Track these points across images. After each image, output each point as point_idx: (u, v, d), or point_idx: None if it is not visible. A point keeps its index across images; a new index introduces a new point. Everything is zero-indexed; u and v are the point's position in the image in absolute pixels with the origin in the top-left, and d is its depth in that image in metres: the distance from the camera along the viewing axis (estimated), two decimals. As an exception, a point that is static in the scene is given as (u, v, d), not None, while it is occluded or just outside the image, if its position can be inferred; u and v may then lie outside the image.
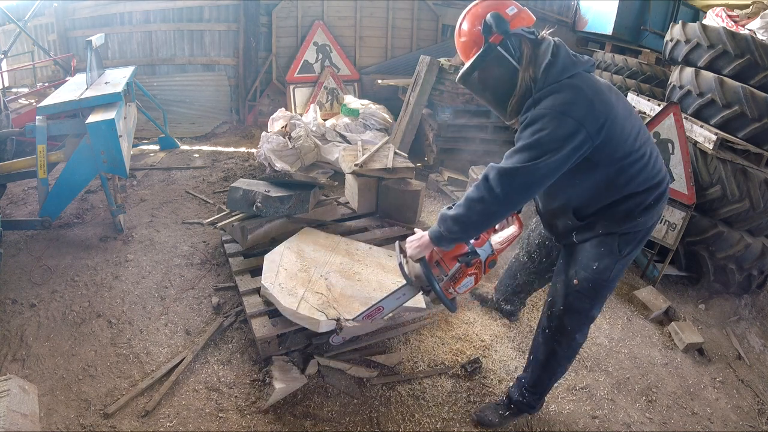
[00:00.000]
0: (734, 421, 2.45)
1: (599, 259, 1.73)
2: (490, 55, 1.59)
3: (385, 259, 2.75)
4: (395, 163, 3.36)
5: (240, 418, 2.05)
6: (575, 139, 1.46)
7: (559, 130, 1.46)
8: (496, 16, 1.54)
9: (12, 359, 2.22)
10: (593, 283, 1.75)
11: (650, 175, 1.66)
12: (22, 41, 5.41)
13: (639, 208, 1.68)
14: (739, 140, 3.05)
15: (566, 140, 1.46)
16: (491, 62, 1.60)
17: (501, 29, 1.54)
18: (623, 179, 1.63)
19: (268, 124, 4.87)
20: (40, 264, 2.86)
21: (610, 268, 1.73)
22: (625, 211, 1.69)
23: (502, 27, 1.54)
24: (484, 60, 1.60)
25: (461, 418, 2.17)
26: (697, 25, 3.37)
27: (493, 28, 1.55)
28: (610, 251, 1.72)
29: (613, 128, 1.52)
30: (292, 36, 5.70)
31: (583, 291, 1.78)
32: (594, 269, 1.74)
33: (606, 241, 1.72)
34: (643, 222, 1.70)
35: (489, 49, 1.58)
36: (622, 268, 1.79)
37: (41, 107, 2.99)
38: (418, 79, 4.51)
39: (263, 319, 2.33)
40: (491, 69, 1.62)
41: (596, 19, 5.31)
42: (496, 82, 1.64)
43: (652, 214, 1.71)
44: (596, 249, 1.74)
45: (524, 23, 1.60)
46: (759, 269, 3.22)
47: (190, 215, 3.58)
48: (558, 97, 1.50)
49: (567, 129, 1.45)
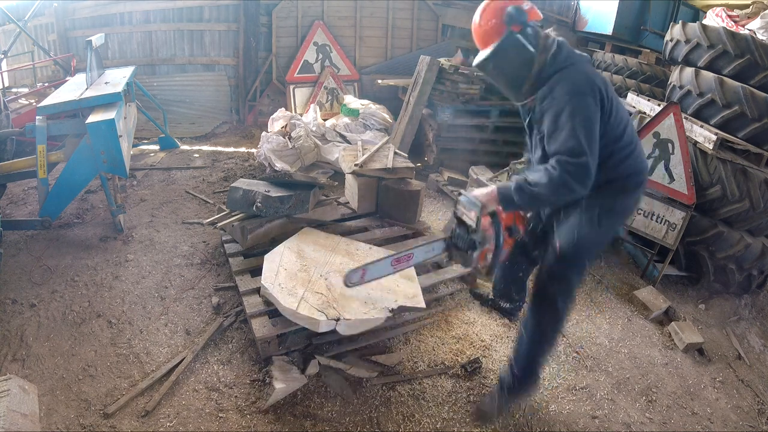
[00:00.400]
0: (734, 421, 2.45)
1: (579, 228, 1.93)
2: (510, 41, 1.80)
3: (385, 259, 2.75)
4: (395, 163, 3.36)
5: (240, 418, 2.05)
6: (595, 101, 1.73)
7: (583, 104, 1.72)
8: (517, 8, 1.77)
9: (12, 359, 2.22)
10: (573, 249, 1.94)
11: (634, 163, 1.93)
12: (22, 41, 5.42)
13: (621, 190, 1.93)
14: (739, 140, 3.05)
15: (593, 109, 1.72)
16: (511, 48, 1.81)
17: (521, 19, 1.77)
18: (613, 162, 1.87)
19: (268, 124, 4.87)
20: (40, 264, 2.86)
21: (588, 236, 1.93)
22: (609, 191, 1.91)
23: (522, 18, 1.77)
24: (505, 47, 1.81)
25: (461, 418, 2.17)
26: (697, 25, 3.37)
27: (514, 18, 1.77)
28: (590, 221, 1.92)
29: (612, 108, 1.80)
30: (292, 36, 5.70)
31: (564, 256, 1.96)
32: (575, 236, 1.93)
33: (587, 213, 1.93)
34: (621, 202, 1.95)
35: (510, 36, 1.79)
36: (600, 240, 2.03)
37: (41, 107, 2.99)
38: (418, 79, 4.51)
39: (263, 319, 2.33)
40: (510, 54, 1.82)
41: (596, 19, 5.31)
42: (512, 65, 1.86)
43: (632, 198, 1.98)
44: (578, 219, 1.94)
45: (536, 18, 1.83)
46: (759, 269, 3.22)
47: (190, 215, 3.58)
48: (567, 81, 1.76)
49: (586, 99, 1.72)
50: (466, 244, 1.87)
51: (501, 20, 1.79)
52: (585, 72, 1.81)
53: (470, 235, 1.85)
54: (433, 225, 3.57)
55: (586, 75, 1.79)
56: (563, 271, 1.99)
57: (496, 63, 1.87)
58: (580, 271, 2.06)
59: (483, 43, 1.88)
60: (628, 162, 1.90)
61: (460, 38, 6.26)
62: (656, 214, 3.24)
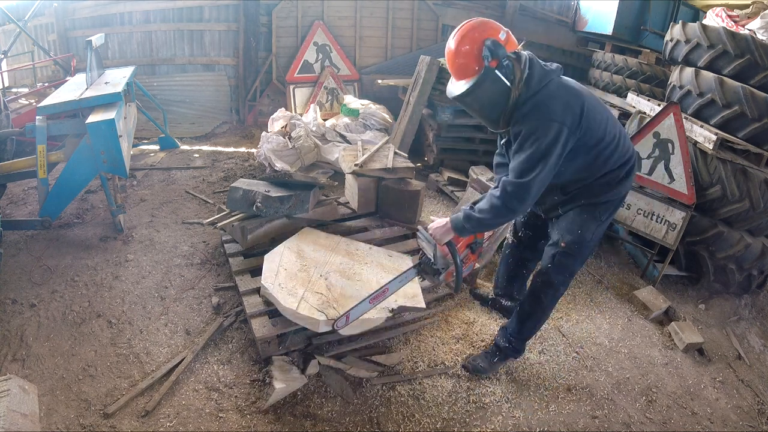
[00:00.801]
0: (734, 421, 2.45)
1: (582, 224, 2.07)
2: (488, 77, 1.78)
3: (385, 259, 2.75)
4: (395, 163, 3.36)
5: (240, 418, 2.05)
6: (561, 137, 1.76)
7: (549, 136, 1.75)
8: (494, 42, 1.73)
9: (12, 359, 2.22)
10: (578, 244, 2.09)
11: (621, 154, 1.99)
12: (22, 41, 5.41)
13: (614, 181, 2.02)
14: (739, 140, 3.05)
15: (555, 142, 1.77)
16: (488, 83, 1.79)
17: (498, 54, 1.73)
18: (600, 161, 1.96)
19: (268, 124, 4.87)
20: (40, 264, 2.86)
21: (591, 230, 2.08)
22: (603, 185, 2.02)
23: (499, 52, 1.73)
24: (482, 82, 1.79)
25: (461, 418, 2.17)
26: (697, 25, 3.37)
27: (492, 53, 1.73)
28: (592, 217, 2.06)
29: (588, 119, 1.83)
30: (292, 36, 5.70)
31: (570, 251, 2.11)
32: (579, 233, 2.07)
33: (588, 209, 2.06)
34: (617, 192, 2.05)
35: (487, 72, 1.77)
36: (602, 232, 2.17)
37: (41, 107, 2.99)
38: (418, 79, 4.51)
39: (263, 319, 2.33)
40: (487, 89, 1.80)
41: (596, 19, 5.31)
42: (490, 99, 1.84)
43: (625, 185, 2.07)
44: (579, 216, 2.07)
45: (513, 47, 1.81)
46: (759, 269, 3.22)
47: (190, 215, 3.58)
48: (540, 108, 1.78)
49: (554, 132, 1.75)
50: (432, 270, 2.10)
51: (478, 53, 1.76)
52: (555, 95, 1.80)
53: (432, 265, 2.09)
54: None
55: (556, 99, 1.79)
56: (568, 262, 2.14)
57: (473, 99, 1.86)
58: (582, 261, 2.26)
59: (458, 75, 1.86)
60: (615, 156, 1.97)
61: (460, 38, 6.27)
62: (656, 214, 3.24)
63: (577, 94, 1.84)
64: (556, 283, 2.18)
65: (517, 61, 1.78)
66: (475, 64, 1.78)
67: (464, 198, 3.54)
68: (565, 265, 2.14)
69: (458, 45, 1.79)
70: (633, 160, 2.06)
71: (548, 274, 2.17)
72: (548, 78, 1.82)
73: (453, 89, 1.88)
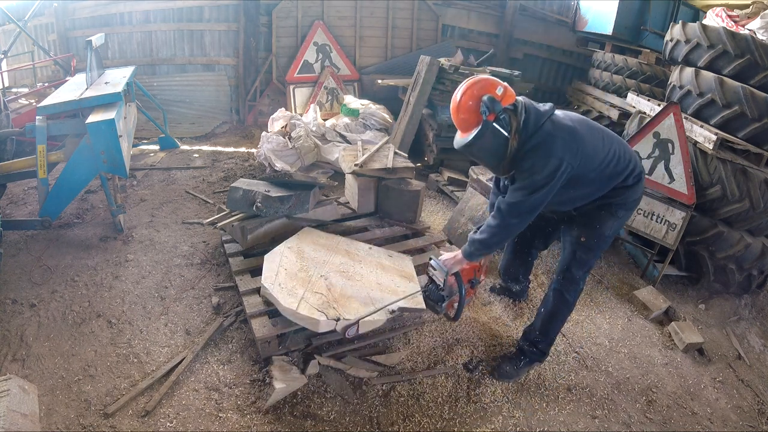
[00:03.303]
0: (734, 421, 2.45)
1: (600, 220, 2.20)
2: (487, 130, 1.93)
3: (384, 259, 2.75)
4: (395, 163, 3.36)
5: (240, 418, 2.05)
6: (560, 169, 1.92)
7: (547, 169, 1.92)
8: (491, 98, 1.89)
9: (12, 359, 2.22)
10: (597, 239, 2.24)
11: (623, 167, 2.11)
12: (22, 41, 5.41)
13: (623, 187, 2.16)
14: (739, 140, 3.05)
15: (554, 174, 1.92)
16: (487, 135, 1.94)
17: (495, 109, 1.89)
18: (604, 180, 2.11)
19: (268, 124, 4.87)
20: (40, 264, 2.86)
21: (609, 226, 2.21)
22: (614, 193, 2.16)
23: (495, 107, 1.89)
24: (482, 134, 1.94)
25: (461, 418, 2.17)
26: (697, 25, 3.37)
27: (489, 108, 1.89)
28: (609, 213, 2.20)
29: (585, 149, 1.98)
30: (292, 36, 5.70)
31: (589, 246, 2.25)
32: (597, 228, 2.21)
33: (604, 206, 2.19)
34: (631, 194, 2.19)
35: (486, 125, 1.93)
36: (619, 227, 2.33)
37: (41, 107, 2.98)
38: (418, 79, 4.51)
39: (263, 319, 2.33)
40: (487, 140, 1.95)
41: (596, 19, 5.30)
42: (491, 148, 1.98)
43: (637, 189, 2.20)
44: (597, 212, 2.21)
45: (510, 100, 1.95)
46: (759, 269, 3.22)
47: (190, 215, 3.58)
48: (539, 148, 1.94)
49: (553, 166, 1.91)
50: (436, 296, 2.26)
51: (477, 108, 1.92)
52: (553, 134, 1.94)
53: (439, 291, 2.25)
54: (433, 225, 3.57)
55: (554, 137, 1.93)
56: (588, 257, 2.28)
57: (476, 149, 2.00)
58: (598, 256, 2.46)
59: (461, 128, 2.03)
60: (618, 170, 2.10)
61: (460, 38, 6.27)
62: (656, 214, 3.24)
63: (571, 131, 1.97)
64: (577, 278, 2.30)
65: (513, 112, 1.94)
66: (476, 118, 1.95)
67: (464, 198, 3.54)
68: (585, 260, 2.28)
69: (460, 101, 1.97)
70: (638, 168, 2.18)
71: (570, 270, 2.29)
72: (543, 118, 1.97)
73: (458, 140, 2.05)
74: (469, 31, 6.31)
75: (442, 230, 3.52)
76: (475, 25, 6.25)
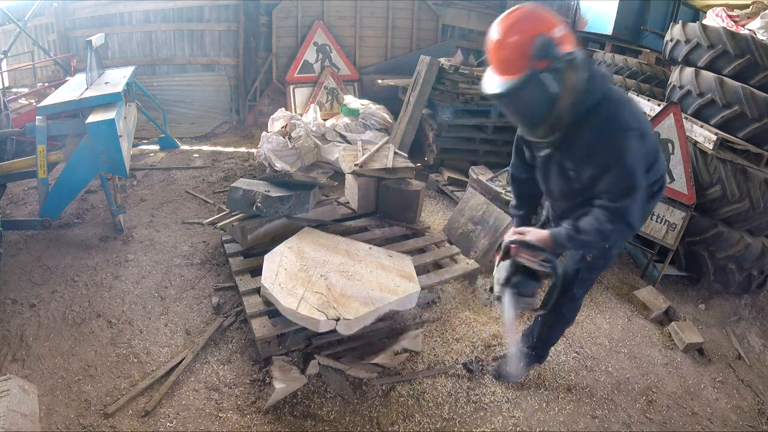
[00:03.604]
0: (734, 421, 2.45)
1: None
2: (534, 79, 1.51)
3: (384, 259, 2.75)
4: (395, 163, 3.36)
5: (240, 418, 2.05)
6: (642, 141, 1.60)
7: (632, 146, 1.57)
8: (547, 42, 1.47)
9: (12, 359, 2.22)
10: (603, 258, 2.06)
11: (658, 169, 1.84)
12: (22, 41, 5.41)
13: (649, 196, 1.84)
14: (739, 140, 3.05)
15: (640, 150, 1.60)
16: (533, 86, 1.53)
17: (550, 55, 1.48)
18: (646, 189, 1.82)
19: (268, 124, 4.87)
20: (40, 264, 2.86)
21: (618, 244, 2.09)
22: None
23: (551, 52, 1.48)
24: (526, 84, 1.52)
25: (461, 418, 2.17)
26: (697, 25, 3.37)
27: (543, 53, 1.47)
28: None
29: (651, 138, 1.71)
30: (292, 36, 5.70)
31: (594, 265, 2.07)
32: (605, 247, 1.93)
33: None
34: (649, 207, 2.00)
35: (534, 74, 1.50)
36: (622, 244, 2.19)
37: (41, 107, 2.99)
38: (418, 79, 4.51)
39: (263, 319, 2.33)
40: (531, 92, 1.55)
41: (596, 19, 5.30)
42: (533, 103, 1.60)
43: (656, 201, 2.00)
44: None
45: (569, 47, 1.53)
46: (759, 269, 3.22)
47: (190, 215, 3.58)
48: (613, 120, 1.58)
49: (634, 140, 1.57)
50: (530, 289, 1.85)
51: (526, 50, 1.49)
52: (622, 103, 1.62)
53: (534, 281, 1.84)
54: (433, 225, 3.57)
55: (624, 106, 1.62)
56: (591, 276, 2.15)
57: (512, 100, 1.64)
58: (600, 271, 2.30)
59: (498, 69, 1.59)
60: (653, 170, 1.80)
61: (460, 38, 6.27)
62: (656, 214, 3.24)
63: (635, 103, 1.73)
64: (577, 296, 2.18)
65: (571, 65, 1.52)
66: (521, 61, 1.50)
67: (464, 198, 3.54)
68: (588, 279, 2.15)
69: (504, 35, 1.53)
70: (664, 177, 1.92)
71: (571, 289, 2.13)
72: (608, 84, 1.64)
73: (490, 84, 1.61)
74: (469, 31, 6.31)
75: (442, 230, 3.52)
76: (475, 25, 6.25)
